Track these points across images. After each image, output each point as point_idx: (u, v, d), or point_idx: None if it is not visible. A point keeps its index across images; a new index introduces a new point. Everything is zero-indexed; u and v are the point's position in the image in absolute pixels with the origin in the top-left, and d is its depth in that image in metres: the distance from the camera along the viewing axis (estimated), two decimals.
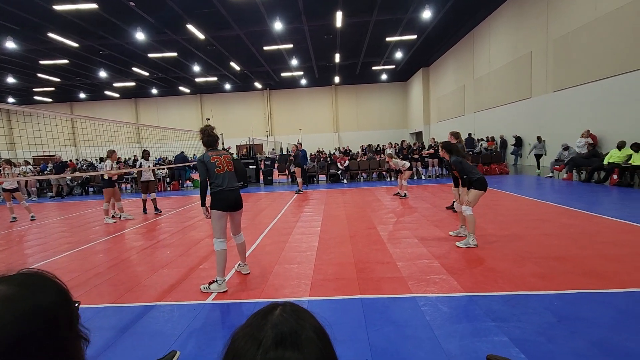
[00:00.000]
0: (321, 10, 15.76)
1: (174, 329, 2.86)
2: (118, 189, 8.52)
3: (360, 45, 21.30)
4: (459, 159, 4.72)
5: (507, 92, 16.26)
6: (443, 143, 5.04)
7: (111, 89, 30.25)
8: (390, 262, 4.15)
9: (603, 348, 2.25)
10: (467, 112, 20.95)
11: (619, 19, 9.83)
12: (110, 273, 4.38)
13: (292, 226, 6.46)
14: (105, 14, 14.63)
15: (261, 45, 20.07)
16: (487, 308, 2.89)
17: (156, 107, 34.03)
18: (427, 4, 15.09)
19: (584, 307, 2.80)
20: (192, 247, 5.40)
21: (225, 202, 3.62)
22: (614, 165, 9.06)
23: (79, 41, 17.64)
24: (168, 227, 7.07)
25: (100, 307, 3.38)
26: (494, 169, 13.44)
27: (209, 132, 3.72)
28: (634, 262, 3.68)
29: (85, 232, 7.01)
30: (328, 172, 14.26)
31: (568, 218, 5.82)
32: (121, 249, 5.58)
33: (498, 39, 16.93)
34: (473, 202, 4.61)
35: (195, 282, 3.88)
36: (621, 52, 9.89)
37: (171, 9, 14.52)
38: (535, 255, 4.07)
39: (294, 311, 0.53)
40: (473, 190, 4.60)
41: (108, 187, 7.99)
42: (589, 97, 11.20)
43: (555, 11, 12.65)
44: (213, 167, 3.60)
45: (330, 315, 2.98)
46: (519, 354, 2.25)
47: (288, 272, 4.05)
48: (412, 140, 29.48)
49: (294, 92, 33.23)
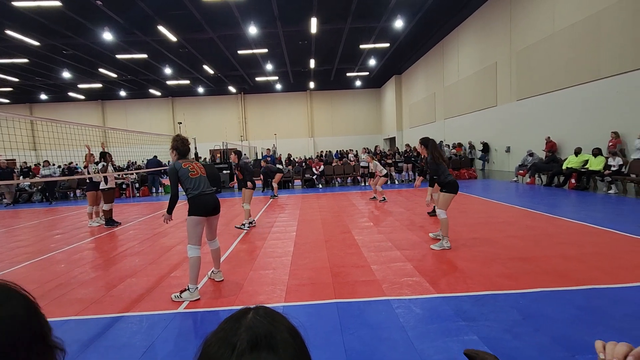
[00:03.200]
0: (296, 16, 15.84)
1: (143, 340, 2.74)
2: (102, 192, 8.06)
3: (335, 52, 21.57)
4: (432, 159, 4.82)
5: (474, 100, 16.97)
6: (421, 139, 5.14)
7: (76, 91, 28.83)
8: (365, 266, 4.20)
9: (564, 343, 2.38)
10: (438, 118, 21.65)
11: (574, 34, 10.55)
12: (73, 284, 4.15)
13: (267, 231, 6.39)
14: (70, 12, 13.96)
15: (235, 49, 19.85)
16: (458, 308, 2.98)
17: (125, 110, 32.75)
18: (399, 14, 15.55)
19: (546, 305, 2.95)
20: (163, 255, 5.22)
21: (205, 207, 3.51)
22: (572, 170, 9.65)
23: (40, 40, 16.72)
24: (137, 235, 6.80)
25: (62, 320, 3.18)
26: (463, 173, 13.96)
27: (184, 142, 3.66)
28: (591, 261, 3.92)
29: (46, 241, 6.61)
30: (303, 177, 14.26)
31: (531, 220, 6.12)
32: (86, 259, 5.30)
33: (466, 50, 17.68)
34: (444, 205, 4.74)
35: (166, 291, 3.75)
36: (577, 65, 10.60)
37: (141, 10, 14.08)
38: (502, 257, 4.25)
39: (267, 314, 0.53)
40: (444, 193, 4.74)
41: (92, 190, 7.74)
42: (549, 106, 11.91)
43: (517, 25, 13.39)
44: (186, 172, 3.51)
45: (305, 320, 2.97)
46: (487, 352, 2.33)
47: (263, 277, 4.00)
48: (385, 146, 30.08)
49: (269, 96, 33.05)
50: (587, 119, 10.40)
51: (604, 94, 9.72)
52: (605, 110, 9.73)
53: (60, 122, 5.67)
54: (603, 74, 9.70)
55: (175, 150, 3.65)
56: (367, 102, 33.74)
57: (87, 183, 7.92)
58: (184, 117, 31.26)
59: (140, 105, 32.71)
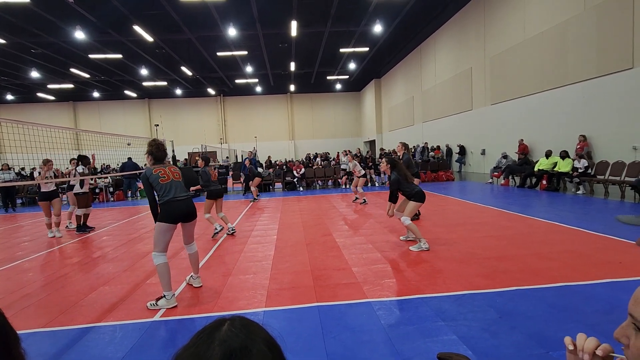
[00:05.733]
0: (276, 19, 15.80)
1: (116, 351, 2.63)
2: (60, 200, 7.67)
3: (315, 55, 21.65)
4: (397, 178, 4.90)
5: (451, 104, 17.42)
6: (388, 158, 5.22)
7: (45, 91, 27.58)
8: (346, 268, 4.20)
9: (538, 339, 2.45)
10: (416, 122, 22.08)
11: (544, 41, 11.03)
12: (40, 294, 3.94)
13: (248, 235, 6.30)
14: (39, 9, 13.38)
15: (214, 50, 19.57)
16: (438, 308, 3.02)
17: (98, 112, 31.61)
18: (378, 18, 15.79)
19: (521, 303, 3.04)
20: (138, 261, 5.04)
21: (174, 214, 3.41)
22: (543, 172, 10.05)
23: (6, 37, 15.93)
24: (111, 241, 6.55)
25: (28, 332, 3.01)
26: (440, 175, 14.27)
27: (159, 147, 3.55)
28: (562, 260, 4.07)
29: (11, 250, 6.26)
30: (284, 180, 14.18)
31: (506, 221, 6.32)
32: (55, 267, 5.05)
33: (442, 55, 18.15)
34: (410, 213, 4.88)
35: (141, 298, 3.62)
36: (546, 71, 11.07)
37: (115, 8, 13.66)
38: (479, 256, 4.35)
39: (243, 325, 0.50)
40: (413, 202, 4.89)
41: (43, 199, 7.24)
42: (521, 110, 12.37)
43: (491, 31, 13.86)
44: (157, 178, 3.39)
45: (286, 325, 2.93)
46: (467, 351, 2.37)
47: (243, 282, 3.93)
48: (365, 148, 30.38)
49: (249, 99, 32.76)
50: (556, 122, 10.87)
51: (572, 99, 10.19)
52: (573, 114, 10.21)
53: (27, 123, 5.40)
54: (570, 80, 10.17)
55: (150, 155, 3.53)
56: (348, 105, 34.02)
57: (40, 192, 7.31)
58: (161, 119, 30.47)
59: (115, 107, 31.67)
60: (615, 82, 8.86)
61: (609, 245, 4.50)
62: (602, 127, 9.31)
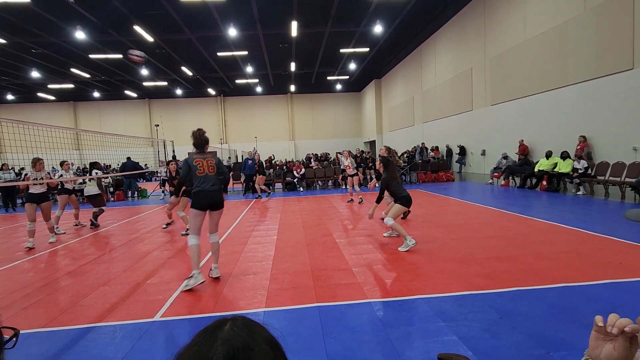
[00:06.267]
0: (276, 19, 15.81)
1: (116, 351, 2.63)
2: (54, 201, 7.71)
3: (316, 55, 21.65)
4: (386, 177, 5.06)
5: (451, 105, 17.43)
6: (382, 157, 5.34)
7: (45, 91, 27.61)
8: (347, 269, 4.20)
9: (539, 340, 2.45)
10: (417, 122, 22.08)
11: (544, 41, 11.03)
12: (41, 294, 3.94)
13: (248, 235, 6.30)
14: (39, 9, 13.40)
15: (215, 50, 19.58)
16: (438, 309, 3.02)
17: (98, 112, 31.64)
18: (378, 18, 15.80)
19: (522, 303, 3.04)
20: (139, 261, 5.04)
21: (203, 202, 3.88)
22: (543, 172, 10.05)
23: (7, 37, 15.95)
24: (111, 241, 6.55)
25: (29, 332, 3.01)
26: (441, 176, 14.26)
27: (198, 135, 3.95)
28: (562, 260, 4.07)
29: (11, 249, 6.26)
30: (284, 181, 14.18)
31: (507, 221, 6.32)
32: (55, 267, 5.05)
33: (442, 55, 18.15)
34: (395, 215, 4.96)
35: (141, 298, 3.62)
36: (546, 71, 11.07)
37: (116, 9, 13.67)
38: (480, 257, 4.35)
39: (245, 325, 0.50)
40: (398, 205, 4.99)
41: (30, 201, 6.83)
42: (522, 111, 12.37)
43: (491, 32, 13.87)
44: (195, 169, 3.87)
45: (287, 325, 2.93)
46: (467, 352, 2.37)
47: (243, 283, 3.93)
48: (366, 149, 30.38)
49: (250, 99, 32.77)
50: (556, 123, 10.87)
51: (572, 99, 10.19)
52: (573, 115, 10.21)
53: (28, 123, 5.40)
54: (571, 81, 10.17)
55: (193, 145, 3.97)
56: (348, 106, 34.03)
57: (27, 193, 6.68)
58: (162, 119, 30.48)
59: (115, 107, 31.71)
60: (616, 83, 8.86)
61: (609, 246, 4.50)
62: (602, 127, 9.31)
